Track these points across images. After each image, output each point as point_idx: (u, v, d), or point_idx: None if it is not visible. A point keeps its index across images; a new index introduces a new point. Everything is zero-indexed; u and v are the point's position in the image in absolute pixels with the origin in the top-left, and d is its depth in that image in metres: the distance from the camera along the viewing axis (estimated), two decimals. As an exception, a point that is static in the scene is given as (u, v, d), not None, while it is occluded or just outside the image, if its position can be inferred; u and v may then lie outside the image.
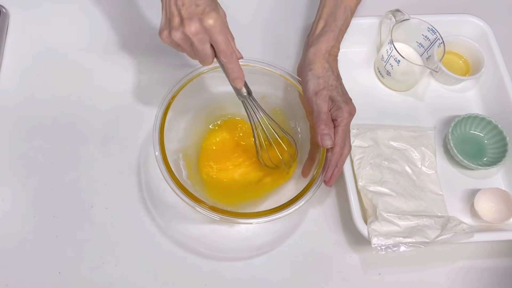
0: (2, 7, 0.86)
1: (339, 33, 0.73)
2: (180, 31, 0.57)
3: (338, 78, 0.71)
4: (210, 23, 0.56)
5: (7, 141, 0.77)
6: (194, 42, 0.58)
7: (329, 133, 0.65)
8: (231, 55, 0.59)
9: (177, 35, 0.58)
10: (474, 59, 0.88)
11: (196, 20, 0.56)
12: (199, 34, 0.57)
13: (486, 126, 0.82)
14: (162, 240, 0.72)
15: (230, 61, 0.60)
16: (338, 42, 0.73)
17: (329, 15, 0.75)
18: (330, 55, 0.72)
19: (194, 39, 0.57)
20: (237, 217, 0.63)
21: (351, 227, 0.72)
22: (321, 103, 0.67)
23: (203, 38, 0.58)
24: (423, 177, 0.78)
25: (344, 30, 0.75)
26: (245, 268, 0.72)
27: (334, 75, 0.70)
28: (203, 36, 0.57)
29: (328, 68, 0.70)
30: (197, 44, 0.58)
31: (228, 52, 0.59)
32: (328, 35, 0.72)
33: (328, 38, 0.72)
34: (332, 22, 0.74)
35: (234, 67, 0.61)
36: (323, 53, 0.71)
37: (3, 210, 0.73)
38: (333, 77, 0.69)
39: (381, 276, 0.73)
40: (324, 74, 0.69)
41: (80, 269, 0.70)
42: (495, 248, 0.77)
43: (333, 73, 0.70)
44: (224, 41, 0.58)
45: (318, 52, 0.71)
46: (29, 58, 0.84)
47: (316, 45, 0.72)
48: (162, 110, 0.68)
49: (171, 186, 0.64)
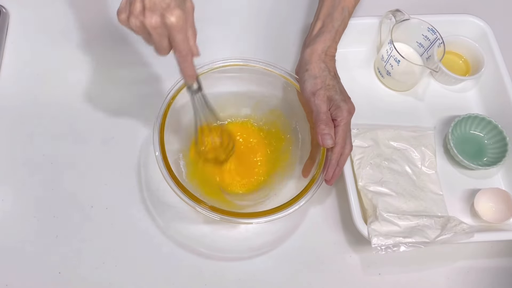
0: (2, 7, 0.86)
1: (336, 33, 0.73)
2: (139, 20, 0.56)
3: (336, 77, 0.71)
4: (172, 20, 0.54)
5: (7, 141, 0.77)
6: (152, 34, 0.56)
7: (329, 133, 0.65)
8: (186, 55, 0.58)
9: (135, 22, 0.56)
10: (474, 59, 0.88)
11: (158, 15, 0.55)
12: (157, 28, 0.55)
13: (486, 126, 0.82)
14: (162, 240, 0.72)
15: (185, 60, 0.59)
16: (335, 42, 0.73)
17: (326, 16, 0.75)
18: (326, 55, 0.71)
19: (152, 31, 0.56)
20: (237, 217, 0.63)
21: (351, 227, 0.72)
22: (320, 103, 0.67)
23: (162, 33, 0.56)
24: (423, 177, 0.78)
25: (341, 30, 0.74)
26: (245, 268, 0.72)
27: (331, 75, 0.70)
28: (161, 31, 0.56)
29: (325, 68, 0.70)
30: (154, 36, 0.57)
31: (184, 51, 0.58)
32: (324, 35, 0.72)
33: (324, 39, 0.72)
34: (329, 22, 0.74)
35: (187, 66, 0.60)
36: (319, 53, 0.71)
37: (3, 210, 0.73)
38: (330, 77, 0.69)
39: (381, 276, 0.73)
40: (320, 74, 0.69)
41: (80, 269, 0.70)
42: (495, 248, 0.77)
43: (329, 72, 0.70)
44: (181, 40, 0.57)
45: (314, 52, 0.71)
46: (29, 58, 0.84)
47: (313, 46, 0.72)
48: (163, 110, 0.68)
49: (171, 186, 0.64)
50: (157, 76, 0.84)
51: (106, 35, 0.87)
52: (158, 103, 0.69)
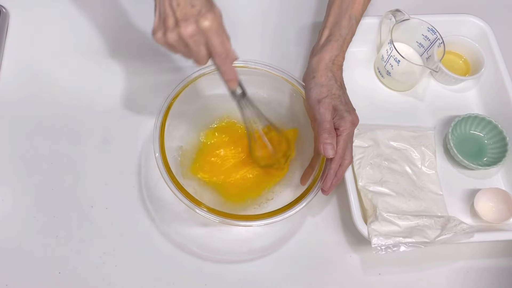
0: (2, 7, 0.86)
1: (344, 42, 0.73)
2: (175, 32, 0.56)
3: (342, 87, 0.70)
4: (206, 24, 0.55)
5: (7, 141, 0.77)
6: (189, 44, 0.56)
7: (331, 143, 0.65)
8: (226, 58, 0.58)
9: (171, 36, 0.56)
10: (474, 59, 0.88)
11: (192, 22, 0.55)
12: (194, 36, 0.55)
13: (486, 126, 0.82)
14: (162, 240, 0.72)
15: (224, 63, 0.59)
16: (342, 51, 0.73)
17: (333, 24, 0.74)
18: (334, 64, 0.71)
19: (189, 41, 0.56)
20: (237, 219, 0.63)
21: (351, 227, 0.72)
22: (324, 112, 0.66)
23: (199, 40, 0.56)
24: (423, 177, 0.78)
25: (349, 39, 0.74)
26: (245, 269, 0.72)
27: (337, 84, 0.69)
28: (198, 38, 0.56)
29: (331, 77, 0.70)
30: (192, 46, 0.56)
31: (223, 55, 0.57)
32: (332, 44, 0.72)
33: (332, 47, 0.72)
34: (337, 31, 0.73)
35: (228, 69, 0.59)
36: (326, 62, 0.71)
37: (3, 210, 0.73)
38: (336, 86, 0.69)
39: (381, 276, 0.73)
40: (327, 83, 0.69)
41: (80, 269, 0.70)
42: (495, 248, 0.77)
43: (336, 82, 0.69)
44: (219, 44, 0.56)
45: (321, 61, 0.71)
46: (29, 58, 0.84)
47: (320, 54, 0.72)
48: (163, 111, 0.68)
49: (171, 187, 0.64)
50: (157, 77, 0.84)
51: (106, 35, 0.87)
52: (158, 103, 0.69)
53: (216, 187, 0.73)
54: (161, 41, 0.58)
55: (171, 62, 0.85)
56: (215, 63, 0.59)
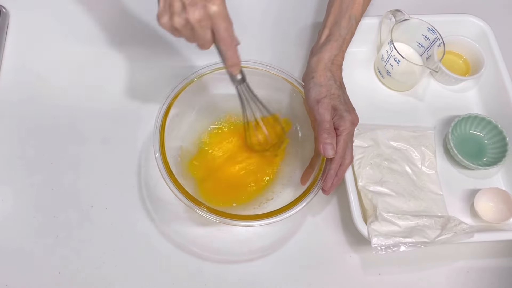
0: (2, 7, 0.86)
1: (343, 42, 0.73)
2: (183, 17, 0.56)
3: (341, 87, 0.70)
4: (215, 9, 0.55)
5: (7, 141, 0.77)
6: (196, 28, 0.56)
7: (331, 143, 0.64)
8: (231, 43, 0.58)
9: (178, 21, 0.56)
10: (474, 59, 0.88)
11: (200, 7, 0.55)
12: (202, 21, 0.56)
13: (486, 126, 0.82)
14: (162, 240, 0.72)
15: (229, 48, 0.59)
16: (342, 51, 0.73)
17: (333, 24, 0.74)
18: (333, 64, 0.71)
19: (196, 25, 0.56)
20: (237, 219, 0.63)
21: (351, 227, 0.72)
22: (324, 112, 0.66)
23: (206, 25, 0.56)
24: (423, 177, 0.78)
25: (348, 39, 0.74)
26: (245, 269, 0.72)
27: (336, 84, 0.69)
28: (205, 23, 0.56)
29: (331, 77, 0.70)
30: (198, 30, 0.57)
31: (229, 39, 0.58)
32: (331, 44, 0.72)
33: (331, 47, 0.72)
34: (336, 31, 0.73)
35: (232, 54, 0.60)
36: (325, 62, 0.71)
37: (3, 210, 0.73)
38: (335, 86, 0.69)
39: (381, 276, 0.73)
40: (326, 83, 0.69)
41: (80, 269, 0.70)
42: (495, 248, 0.77)
43: (335, 82, 0.69)
44: (225, 28, 0.57)
45: (321, 61, 0.71)
46: (29, 58, 0.84)
47: (319, 54, 0.71)
48: (163, 111, 0.68)
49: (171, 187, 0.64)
50: (157, 76, 0.84)
51: (107, 35, 0.87)
52: (158, 103, 0.69)
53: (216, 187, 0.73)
54: (167, 26, 0.58)
55: (171, 62, 0.85)
56: (219, 48, 0.60)
